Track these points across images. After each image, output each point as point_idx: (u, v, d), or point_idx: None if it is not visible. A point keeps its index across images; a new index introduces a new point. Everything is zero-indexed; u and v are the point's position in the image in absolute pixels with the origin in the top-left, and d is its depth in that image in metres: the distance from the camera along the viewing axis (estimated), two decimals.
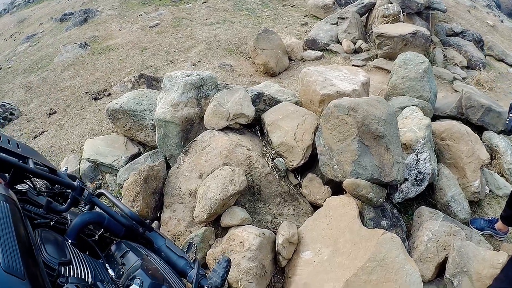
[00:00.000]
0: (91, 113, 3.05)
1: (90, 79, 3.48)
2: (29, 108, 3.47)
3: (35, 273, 0.96)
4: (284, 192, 2.21)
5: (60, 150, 2.89)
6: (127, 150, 2.62)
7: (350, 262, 2.03)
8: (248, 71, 2.97)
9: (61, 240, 1.38)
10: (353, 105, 2.20)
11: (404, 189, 2.50)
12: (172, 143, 2.39)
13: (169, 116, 2.35)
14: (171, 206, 2.24)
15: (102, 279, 1.31)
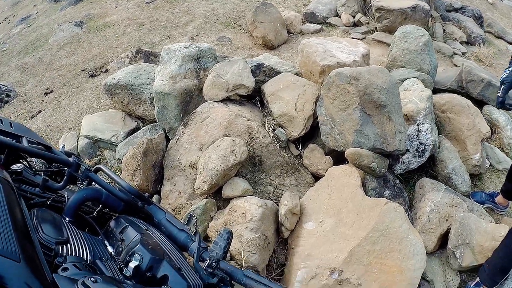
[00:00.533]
0: (88, 90, 3.01)
1: (87, 56, 3.43)
2: (25, 88, 3.42)
3: (31, 254, 0.94)
4: (285, 163, 2.19)
5: (58, 128, 2.85)
6: (126, 125, 2.59)
7: (353, 232, 2.02)
8: (246, 44, 2.94)
9: (59, 218, 1.35)
10: (354, 74, 2.17)
11: (405, 160, 2.49)
12: (171, 116, 2.36)
13: (168, 88, 2.32)
14: (171, 179, 2.22)
15: (101, 257, 1.28)
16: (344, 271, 1.92)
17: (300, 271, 1.99)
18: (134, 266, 1.22)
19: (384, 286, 1.93)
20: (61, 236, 1.20)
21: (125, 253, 1.33)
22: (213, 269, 1.48)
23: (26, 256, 0.89)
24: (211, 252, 1.47)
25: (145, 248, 1.29)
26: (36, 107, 3.15)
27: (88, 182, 1.62)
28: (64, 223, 1.33)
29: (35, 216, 1.22)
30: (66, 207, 1.44)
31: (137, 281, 1.26)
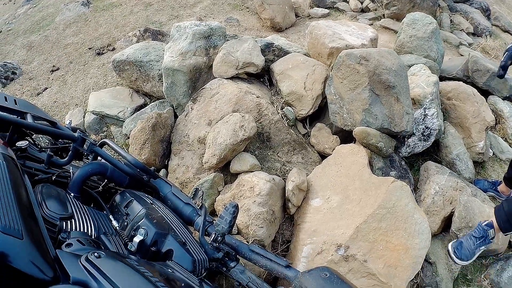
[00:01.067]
0: (95, 67, 3.01)
1: (93, 35, 3.43)
2: (31, 66, 3.42)
3: (34, 231, 0.94)
4: (293, 140, 2.20)
5: (64, 105, 2.85)
6: (133, 101, 2.60)
7: (360, 209, 2.03)
8: (254, 25, 2.94)
9: (63, 194, 1.34)
10: (365, 54, 2.19)
11: (411, 144, 2.51)
12: (180, 92, 2.37)
13: (177, 64, 2.32)
14: (179, 153, 2.22)
15: (106, 232, 1.29)
16: (350, 248, 1.93)
17: (306, 247, 2.01)
18: (138, 241, 1.21)
19: (389, 263, 1.95)
20: (65, 212, 1.21)
21: (130, 227, 1.32)
22: (219, 243, 1.47)
23: (29, 233, 0.89)
24: (217, 226, 1.46)
25: (150, 222, 1.29)
26: (42, 84, 3.15)
27: (94, 157, 1.62)
28: (69, 198, 1.33)
29: (40, 192, 1.24)
30: (71, 182, 1.42)
31: (141, 256, 1.25)
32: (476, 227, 2.10)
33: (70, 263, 0.89)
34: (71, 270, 0.87)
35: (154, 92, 2.58)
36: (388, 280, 1.89)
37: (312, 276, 1.28)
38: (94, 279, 0.85)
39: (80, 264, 0.89)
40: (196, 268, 1.28)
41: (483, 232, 2.04)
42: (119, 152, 1.59)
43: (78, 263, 0.90)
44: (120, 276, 0.88)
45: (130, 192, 1.51)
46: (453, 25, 3.73)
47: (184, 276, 1.17)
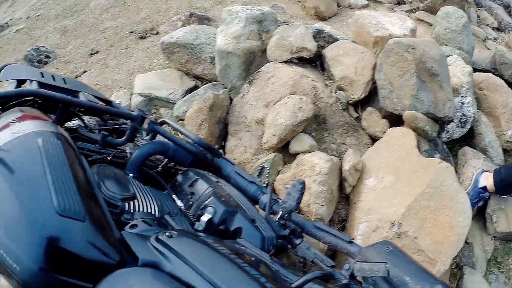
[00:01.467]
0: (138, 51, 3.05)
1: (134, 19, 3.46)
2: (66, 50, 3.44)
3: (96, 212, 0.90)
4: (346, 123, 2.29)
5: (107, 87, 2.89)
6: (183, 84, 2.65)
7: (410, 188, 2.13)
8: (298, 14, 3.03)
9: (122, 174, 1.33)
10: (411, 43, 2.30)
11: (450, 130, 2.62)
12: (234, 75, 2.44)
13: (231, 47, 2.39)
14: (236, 134, 2.30)
15: (170, 212, 1.28)
16: (402, 225, 2.02)
17: (362, 225, 2.10)
18: (206, 220, 1.22)
19: (436, 240, 2.03)
20: (127, 192, 1.19)
21: (196, 206, 1.33)
22: (285, 220, 1.50)
23: (91, 215, 0.85)
24: (284, 203, 1.49)
25: (218, 200, 1.30)
26: (80, 67, 3.18)
27: (152, 136, 1.61)
28: (129, 178, 1.32)
29: (97, 173, 1.21)
30: (130, 162, 1.41)
31: (209, 234, 1.22)
32: (472, 189, 2.35)
33: (137, 245, 0.86)
34: (140, 251, 0.83)
35: (205, 74, 2.64)
36: (435, 256, 1.98)
37: (376, 250, 1.34)
38: (167, 259, 0.81)
39: (150, 245, 0.86)
40: (265, 245, 1.30)
41: (479, 196, 2.32)
42: (182, 131, 1.60)
43: (147, 244, 0.86)
44: (197, 255, 0.84)
45: (194, 171, 1.51)
46: (479, 20, 3.86)
47: (257, 253, 1.20)
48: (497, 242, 2.48)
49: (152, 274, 0.77)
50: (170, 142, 1.52)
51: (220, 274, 0.79)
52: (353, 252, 1.44)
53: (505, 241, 2.49)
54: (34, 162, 0.88)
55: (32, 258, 0.73)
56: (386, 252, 1.29)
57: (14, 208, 0.78)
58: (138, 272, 0.78)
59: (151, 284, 0.75)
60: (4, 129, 0.99)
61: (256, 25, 2.48)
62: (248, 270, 0.85)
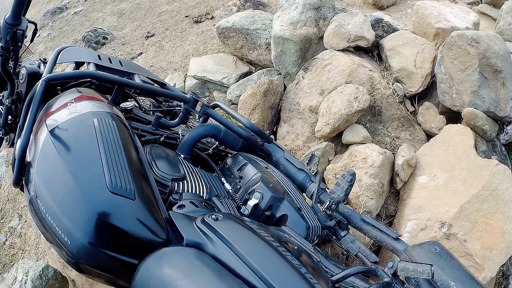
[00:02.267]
0: (193, 35, 3.11)
1: (190, 4, 3.53)
2: (123, 32, 3.56)
3: (146, 191, 0.92)
4: (402, 117, 2.23)
5: (162, 69, 2.97)
6: (237, 68, 2.68)
7: (465, 189, 2.04)
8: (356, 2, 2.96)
9: (173, 155, 1.35)
10: (475, 37, 2.18)
11: (509, 131, 2.49)
12: (289, 61, 2.43)
13: (288, 33, 2.38)
14: (289, 121, 2.30)
15: (218, 194, 1.31)
16: (453, 226, 1.94)
17: (410, 222, 2.04)
18: (253, 204, 1.23)
19: (485, 245, 1.94)
20: (177, 173, 1.22)
21: (244, 190, 1.34)
22: (332, 211, 1.47)
23: (141, 194, 0.88)
24: (332, 193, 1.45)
25: (266, 186, 1.30)
26: (136, 49, 3.28)
27: (204, 119, 1.62)
28: (180, 159, 1.35)
29: (149, 153, 1.25)
30: (182, 143, 1.44)
31: (254, 219, 1.20)
32: None
33: (184, 225, 0.88)
34: (185, 232, 0.85)
35: (260, 60, 2.65)
36: (483, 262, 1.89)
37: (423, 250, 1.29)
38: (210, 241, 0.83)
39: (195, 226, 0.88)
40: (310, 234, 1.30)
41: None
42: (234, 115, 1.59)
43: (193, 225, 0.88)
44: (240, 239, 0.85)
45: (244, 155, 1.52)
46: None
47: (300, 242, 1.20)
48: None
49: (195, 255, 0.79)
50: (221, 125, 1.54)
51: (261, 261, 0.80)
52: (398, 250, 1.41)
53: None
54: (89, 141, 0.92)
55: (82, 232, 0.77)
56: (433, 254, 1.25)
57: (69, 184, 0.82)
58: (182, 251, 0.80)
59: (193, 264, 0.76)
60: (63, 108, 1.04)
61: (313, 12, 2.45)
62: (289, 259, 0.86)
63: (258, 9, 2.96)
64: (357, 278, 1.22)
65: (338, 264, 1.32)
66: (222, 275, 0.74)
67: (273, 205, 1.27)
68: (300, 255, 1.01)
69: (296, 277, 0.80)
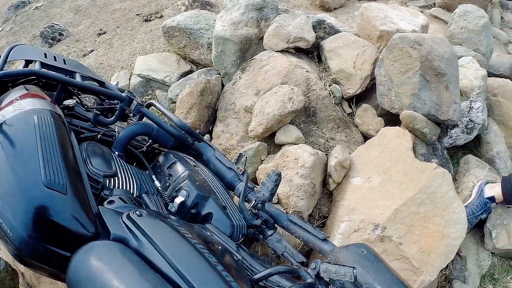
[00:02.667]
0: (142, 33, 3.07)
1: (141, 2, 3.50)
2: (78, 29, 3.51)
3: (78, 187, 0.96)
4: (338, 118, 2.20)
5: (110, 67, 2.92)
6: (179, 67, 2.65)
7: (400, 192, 2.02)
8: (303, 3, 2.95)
9: (108, 152, 1.38)
10: (418, 39, 2.17)
11: (453, 135, 2.48)
12: (229, 61, 2.40)
13: (229, 34, 2.34)
14: (224, 120, 2.26)
15: (148, 191, 1.32)
16: (387, 228, 1.93)
17: (343, 223, 2.02)
18: (179, 202, 1.24)
19: (423, 249, 1.93)
20: (109, 170, 1.25)
21: (172, 188, 1.35)
22: (258, 210, 1.48)
23: (73, 189, 0.91)
24: (258, 193, 1.48)
25: (193, 184, 1.31)
26: (88, 46, 3.24)
27: (139, 117, 1.64)
28: (113, 156, 1.37)
29: (85, 150, 1.27)
30: (116, 141, 1.46)
31: (181, 217, 1.26)
32: (477, 199, 2.18)
33: (111, 220, 0.91)
34: (112, 226, 0.89)
35: (201, 59, 2.62)
36: (421, 266, 1.88)
37: (349, 252, 1.28)
38: (134, 237, 0.86)
39: (121, 222, 0.91)
40: (234, 233, 1.32)
41: (485, 206, 2.14)
42: (166, 113, 1.62)
43: (120, 220, 0.91)
44: (159, 235, 0.88)
45: (174, 154, 1.55)
46: (503, 22, 3.64)
47: (222, 240, 1.22)
48: (495, 258, 2.32)
49: (119, 249, 0.83)
50: (154, 124, 1.57)
51: (179, 257, 0.83)
52: (326, 251, 1.41)
53: (504, 258, 2.34)
54: (29, 137, 0.97)
55: (22, 225, 0.81)
56: (359, 256, 1.24)
57: (9, 177, 0.86)
58: (108, 245, 0.85)
59: (116, 258, 0.80)
60: (9, 105, 1.10)
61: (255, 13, 2.42)
62: (207, 256, 0.88)
63: (205, 9, 2.94)
64: (283, 278, 1.22)
65: (264, 263, 1.33)
66: (142, 269, 0.78)
67: (198, 203, 1.30)
68: (220, 253, 1.04)
69: (211, 273, 0.84)
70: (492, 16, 3.59)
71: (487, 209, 2.16)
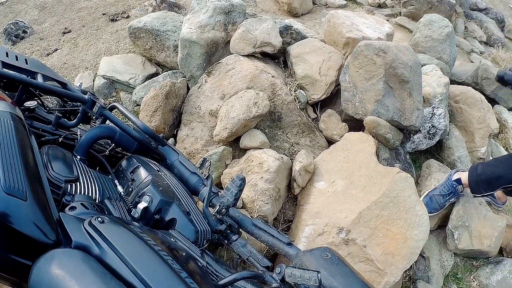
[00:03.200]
0: (107, 33, 2.99)
1: (108, 1, 3.42)
2: (42, 27, 3.39)
3: (39, 193, 0.93)
4: (302, 123, 2.21)
5: (74, 67, 2.83)
6: (145, 69, 2.59)
7: (364, 195, 2.05)
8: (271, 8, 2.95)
9: (70, 156, 1.33)
10: (383, 47, 2.21)
11: (416, 140, 2.54)
12: (194, 64, 2.36)
13: (195, 36, 2.31)
14: (189, 124, 2.23)
15: (110, 196, 1.28)
16: (351, 231, 1.94)
17: (307, 227, 2.02)
18: (142, 208, 1.20)
19: (387, 251, 1.96)
20: (71, 174, 1.21)
21: (135, 193, 1.31)
22: (222, 215, 1.46)
23: (33, 195, 0.88)
24: (222, 198, 1.45)
25: (156, 189, 1.28)
26: (52, 45, 3.13)
27: (102, 120, 1.60)
28: (75, 161, 1.32)
29: (46, 154, 1.23)
30: (78, 145, 1.41)
31: (144, 223, 1.23)
32: (446, 181, 2.25)
33: (72, 227, 0.88)
34: (74, 234, 0.86)
35: (167, 62, 2.58)
36: (385, 267, 1.90)
37: (314, 256, 1.28)
38: (96, 244, 0.84)
39: (83, 228, 0.88)
40: (199, 238, 1.29)
41: (452, 188, 2.21)
42: (129, 116, 1.58)
43: (81, 227, 0.88)
44: (122, 242, 0.86)
45: (137, 158, 1.50)
46: (466, 32, 3.76)
47: (186, 246, 1.18)
48: (458, 258, 2.38)
49: (81, 257, 0.81)
50: (117, 127, 1.53)
51: (141, 264, 0.82)
52: (291, 255, 1.40)
53: (466, 258, 2.40)
54: None
55: None
56: (324, 260, 1.23)
57: None
58: (69, 253, 0.82)
59: (78, 267, 0.78)
60: None
61: (223, 16, 2.40)
62: (170, 263, 0.87)
63: (173, 11, 2.90)
64: (248, 283, 1.19)
65: (230, 269, 1.30)
66: (104, 277, 0.77)
67: (162, 208, 1.27)
68: (184, 259, 1.01)
69: (175, 281, 0.82)
70: (456, 25, 3.71)
71: (454, 191, 2.22)
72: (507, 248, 2.45)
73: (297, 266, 1.19)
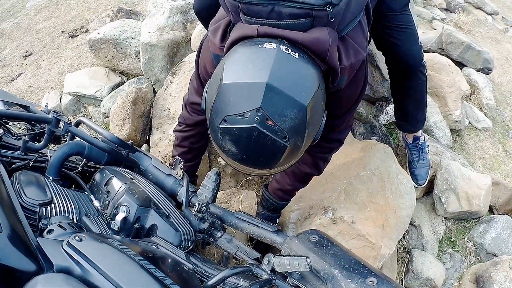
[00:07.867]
0: (68, 50, 2.97)
1: (66, 18, 3.39)
2: (3, 54, 3.34)
3: (14, 222, 0.91)
4: None
5: (40, 89, 2.80)
6: (109, 80, 2.57)
7: (344, 172, 2.04)
8: None
9: (42, 179, 1.30)
10: None
11: (389, 112, 2.56)
12: (158, 67, 2.36)
13: (155, 39, 2.30)
14: (160, 127, 2.21)
15: (88, 213, 1.26)
16: (337, 210, 1.92)
17: (293, 213, 2.01)
18: (121, 219, 1.18)
19: (377, 224, 1.93)
20: (45, 197, 1.18)
21: (112, 206, 1.27)
22: (203, 213, 1.43)
23: (8, 225, 0.87)
24: (200, 196, 1.42)
25: (131, 198, 1.25)
26: (16, 70, 3.09)
27: (70, 137, 1.57)
28: (48, 183, 1.28)
29: (17, 181, 1.19)
30: (49, 166, 1.37)
31: (125, 234, 1.21)
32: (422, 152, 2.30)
33: (52, 251, 0.87)
34: (54, 257, 0.84)
35: (130, 69, 2.57)
36: (378, 241, 1.88)
37: (301, 240, 1.24)
38: (77, 263, 0.82)
39: (62, 250, 0.86)
40: (182, 241, 1.27)
41: (415, 148, 2.29)
42: (95, 128, 1.55)
43: (61, 249, 0.87)
44: (103, 258, 0.85)
45: (109, 169, 1.47)
46: (426, 1, 3.82)
47: (170, 251, 1.16)
48: (449, 222, 2.39)
49: (63, 280, 0.80)
50: (85, 141, 1.50)
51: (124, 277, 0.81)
52: (278, 242, 1.35)
53: (458, 221, 2.42)
54: None
55: None
56: (312, 243, 1.19)
57: None
58: (51, 278, 0.81)
59: None
60: None
61: (180, 16, 2.40)
62: (153, 272, 0.86)
63: (131, 18, 2.89)
64: (240, 278, 1.17)
65: (219, 267, 1.29)
66: None
67: (140, 216, 1.23)
68: (168, 265, 1.00)
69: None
70: None
71: (420, 146, 2.27)
72: (496, 205, 2.47)
73: (285, 253, 1.17)
